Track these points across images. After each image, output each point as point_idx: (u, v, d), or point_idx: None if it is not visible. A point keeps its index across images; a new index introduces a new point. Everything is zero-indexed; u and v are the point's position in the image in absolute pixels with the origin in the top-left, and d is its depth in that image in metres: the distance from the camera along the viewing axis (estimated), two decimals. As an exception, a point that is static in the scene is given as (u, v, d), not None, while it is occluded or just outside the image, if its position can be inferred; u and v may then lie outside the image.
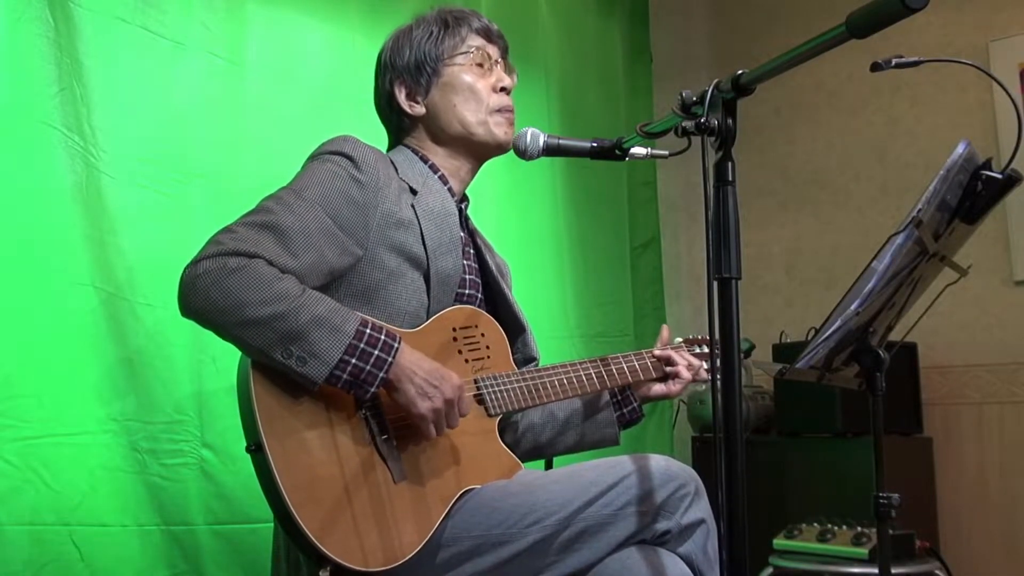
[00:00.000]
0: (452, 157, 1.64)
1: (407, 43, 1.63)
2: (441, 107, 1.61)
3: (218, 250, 1.29)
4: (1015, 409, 3.04)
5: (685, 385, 1.73)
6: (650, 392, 1.73)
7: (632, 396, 1.74)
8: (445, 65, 1.61)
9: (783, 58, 1.13)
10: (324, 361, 1.28)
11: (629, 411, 1.74)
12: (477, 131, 1.61)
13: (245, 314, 1.27)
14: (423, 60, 1.61)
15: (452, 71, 1.61)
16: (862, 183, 3.43)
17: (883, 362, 1.63)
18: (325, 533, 1.26)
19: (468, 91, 1.60)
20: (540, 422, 1.73)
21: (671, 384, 1.72)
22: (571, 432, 1.74)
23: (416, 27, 1.64)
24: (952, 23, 3.23)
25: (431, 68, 1.61)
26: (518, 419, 1.72)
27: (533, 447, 1.74)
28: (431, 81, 1.61)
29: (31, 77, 1.76)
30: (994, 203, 1.54)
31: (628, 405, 1.74)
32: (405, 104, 1.63)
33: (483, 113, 1.61)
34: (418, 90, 1.62)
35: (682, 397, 3.33)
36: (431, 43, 1.61)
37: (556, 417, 1.74)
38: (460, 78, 1.61)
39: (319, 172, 1.45)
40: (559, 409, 1.74)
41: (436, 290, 1.51)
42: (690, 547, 1.37)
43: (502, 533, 1.35)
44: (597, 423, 1.73)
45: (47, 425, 1.71)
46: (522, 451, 1.70)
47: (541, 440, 1.74)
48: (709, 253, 1.15)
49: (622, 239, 3.34)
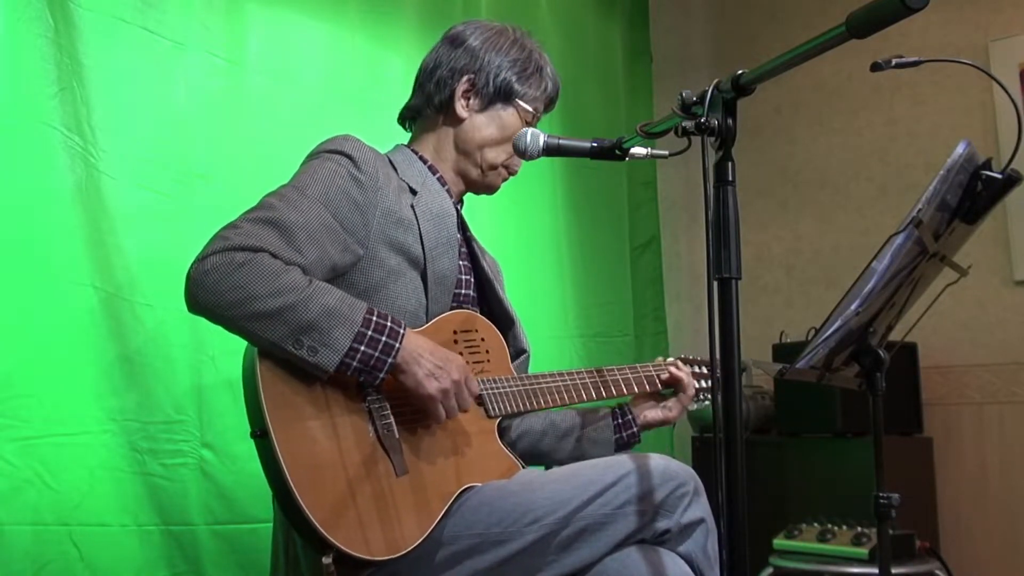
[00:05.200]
0: (451, 169, 1.67)
1: (505, 54, 1.65)
2: (479, 127, 1.65)
3: (224, 245, 1.30)
4: (1015, 409, 3.04)
5: (683, 410, 1.74)
6: (651, 420, 1.74)
7: (633, 420, 1.74)
8: (512, 103, 1.65)
9: (783, 58, 1.13)
10: (335, 350, 1.30)
11: (628, 435, 1.74)
12: (484, 169, 1.66)
13: (255, 307, 1.27)
14: (505, 84, 1.64)
15: (511, 112, 1.66)
16: (862, 183, 3.43)
17: (883, 362, 1.63)
18: (329, 520, 1.26)
19: (504, 138, 1.65)
20: (540, 429, 1.74)
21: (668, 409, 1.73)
22: (568, 445, 1.74)
23: (520, 47, 1.67)
24: (952, 23, 3.23)
25: (504, 95, 1.64)
26: (515, 424, 1.73)
27: (531, 453, 1.75)
28: (494, 103, 1.64)
29: (31, 77, 1.76)
30: (994, 203, 1.54)
31: (628, 429, 1.75)
32: (460, 101, 1.64)
33: (498, 161, 1.67)
34: (478, 100, 1.65)
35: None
36: (521, 77, 1.66)
37: (557, 427, 1.75)
38: (510, 122, 1.65)
39: (320, 170, 1.45)
40: (560, 420, 1.75)
41: (434, 290, 1.52)
42: (690, 546, 1.37)
43: (501, 532, 1.35)
44: (594, 441, 1.74)
45: (47, 425, 1.71)
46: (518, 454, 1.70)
47: (540, 448, 1.74)
48: (709, 253, 1.15)
49: (622, 239, 3.34)
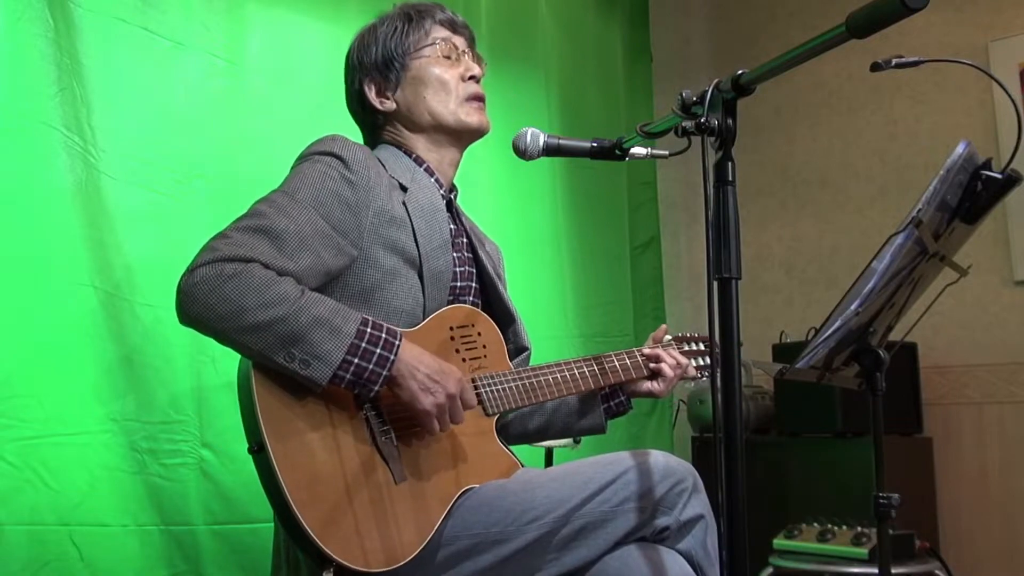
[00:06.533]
0: (432, 148, 1.64)
1: (372, 41, 1.63)
2: (412, 101, 1.61)
3: (213, 256, 1.28)
4: (1015, 409, 3.04)
5: (670, 384, 1.72)
6: (639, 389, 1.73)
7: (620, 390, 1.74)
8: (412, 59, 1.61)
9: (783, 58, 1.13)
10: (327, 362, 1.28)
11: (616, 403, 1.75)
12: (448, 120, 1.61)
13: (245, 319, 1.26)
14: (390, 56, 1.61)
15: (419, 64, 1.61)
16: (862, 183, 3.43)
17: (883, 362, 1.63)
18: (327, 533, 1.26)
19: (437, 83, 1.61)
20: (528, 410, 1.73)
21: (655, 383, 1.72)
22: (558, 421, 1.74)
23: (380, 24, 1.65)
24: (952, 23, 3.23)
25: (399, 63, 1.61)
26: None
27: (521, 434, 1.75)
28: (400, 76, 1.61)
29: (31, 77, 1.77)
30: (994, 203, 1.54)
31: (616, 398, 1.75)
32: (376, 101, 1.63)
33: (453, 104, 1.61)
34: (387, 86, 1.62)
35: (681, 397, 3.34)
36: (396, 38, 1.62)
37: (544, 406, 1.74)
38: (428, 71, 1.61)
39: (310, 173, 1.44)
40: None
41: (430, 288, 1.51)
42: (690, 543, 1.37)
43: (501, 531, 1.35)
44: (585, 413, 1.74)
45: (47, 425, 1.71)
46: (510, 438, 1.71)
47: (529, 428, 1.75)
48: (709, 253, 1.15)
49: (622, 239, 3.34)
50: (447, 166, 1.66)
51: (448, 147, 1.65)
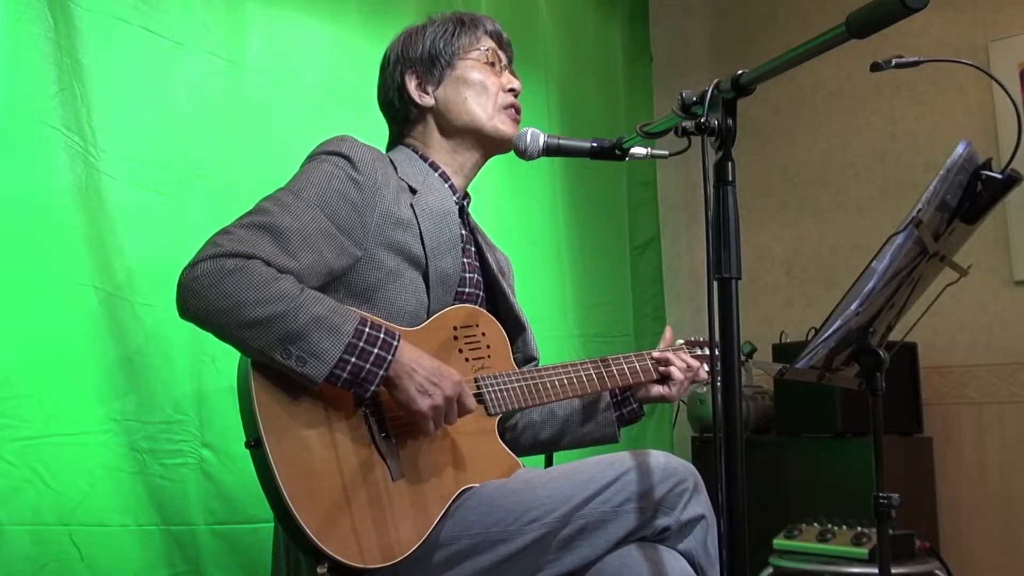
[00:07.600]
0: (456, 152, 1.65)
1: (420, 38, 1.66)
2: (452, 99, 1.63)
3: (215, 252, 1.29)
4: (1015, 409, 3.04)
5: (681, 388, 1.72)
6: (649, 394, 1.73)
7: (631, 396, 1.74)
8: (459, 59, 1.64)
9: (783, 58, 1.13)
10: (324, 361, 1.28)
11: (628, 411, 1.75)
12: (486, 125, 1.63)
13: (244, 315, 1.26)
14: (438, 53, 1.64)
15: (465, 65, 1.64)
16: (862, 183, 3.43)
17: (883, 362, 1.63)
18: (323, 530, 1.26)
19: (480, 86, 1.63)
20: (539, 420, 1.73)
21: (667, 387, 1.72)
22: (570, 430, 1.74)
23: (430, 24, 1.68)
24: (952, 23, 3.23)
25: (445, 60, 1.64)
26: (518, 417, 1.72)
27: (532, 444, 1.75)
28: (444, 73, 1.64)
29: (31, 77, 1.76)
30: (994, 203, 1.54)
31: (628, 406, 1.75)
32: (415, 94, 1.64)
33: (492, 108, 1.64)
34: (430, 80, 1.64)
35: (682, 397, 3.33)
36: (446, 38, 1.65)
37: (556, 415, 1.74)
38: (473, 73, 1.64)
39: (316, 173, 1.45)
40: (559, 408, 1.74)
41: (436, 289, 1.51)
42: (690, 543, 1.37)
43: (501, 531, 1.35)
44: (597, 422, 1.73)
45: (47, 425, 1.71)
46: (521, 448, 1.71)
47: (541, 438, 1.74)
48: (709, 253, 1.15)
49: (622, 239, 3.34)
50: (464, 172, 1.66)
51: (472, 151, 1.66)
